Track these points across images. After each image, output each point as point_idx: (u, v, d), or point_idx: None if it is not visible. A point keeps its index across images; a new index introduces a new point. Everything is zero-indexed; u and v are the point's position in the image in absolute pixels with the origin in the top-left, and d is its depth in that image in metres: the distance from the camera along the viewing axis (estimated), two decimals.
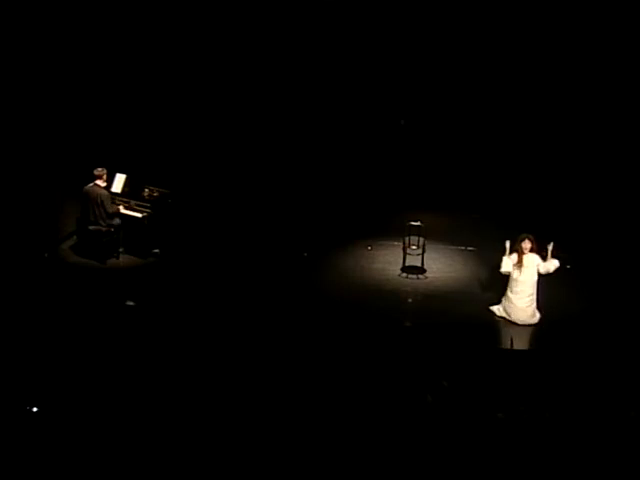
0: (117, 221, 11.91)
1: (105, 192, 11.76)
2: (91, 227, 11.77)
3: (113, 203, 12.02)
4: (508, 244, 10.73)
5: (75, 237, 12.21)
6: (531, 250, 10.69)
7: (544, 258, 10.73)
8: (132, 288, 11.08)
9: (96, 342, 9.53)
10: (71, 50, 12.10)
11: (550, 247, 10.65)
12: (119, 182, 12.37)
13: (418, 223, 11.89)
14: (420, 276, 11.75)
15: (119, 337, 9.70)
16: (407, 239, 11.94)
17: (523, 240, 10.74)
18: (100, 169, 11.73)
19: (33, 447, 7.15)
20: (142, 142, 13.24)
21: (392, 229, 12.53)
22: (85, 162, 11.96)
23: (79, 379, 8.44)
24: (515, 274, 10.63)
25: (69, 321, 10.10)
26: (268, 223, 13.02)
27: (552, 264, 10.72)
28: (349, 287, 11.33)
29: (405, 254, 11.94)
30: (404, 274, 11.79)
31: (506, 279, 10.77)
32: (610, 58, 13.17)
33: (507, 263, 10.70)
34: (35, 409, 7.74)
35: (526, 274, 10.59)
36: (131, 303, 10.71)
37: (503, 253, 10.71)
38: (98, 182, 11.69)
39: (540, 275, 10.64)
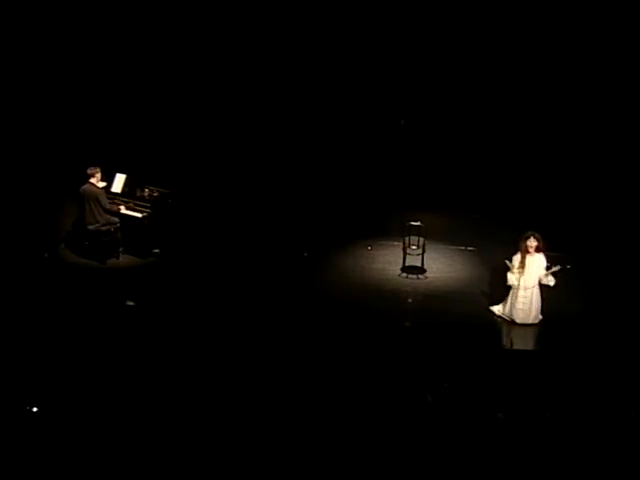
0: (115, 219, 11.92)
1: (100, 190, 11.78)
2: (90, 227, 11.78)
3: (113, 203, 12.03)
4: (509, 262, 10.54)
5: (73, 237, 12.22)
6: (537, 249, 10.47)
7: (548, 262, 10.58)
8: (132, 288, 11.08)
9: (96, 342, 9.54)
10: (72, 51, 12.11)
11: (555, 268, 10.36)
12: (119, 182, 12.37)
13: (418, 223, 11.88)
14: (420, 276, 11.74)
15: (119, 337, 9.72)
16: (407, 239, 11.94)
17: (528, 238, 10.44)
18: (93, 168, 11.76)
19: (33, 447, 7.15)
20: (142, 142, 13.24)
21: (392, 229, 12.53)
22: (85, 162, 11.97)
23: (79, 379, 8.44)
24: (518, 275, 10.52)
25: (69, 321, 10.12)
26: (268, 223, 13.02)
27: (550, 281, 10.47)
28: (349, 287, 11.33)
29: (405, 254, 11.93)
30: (404, 274, 11.78)
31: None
32: (610, 58, 13.16)
33: (511, 278, 10.53)
34: (35, 409, 7.74)
35: (529, 275, 10.48)
36: (131, 303, 10.71)
37: (507, 269, 10.57)
38: (92, 180, 11.72)
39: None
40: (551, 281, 10.42)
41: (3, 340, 9.37)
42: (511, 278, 10.53)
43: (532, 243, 10.43)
